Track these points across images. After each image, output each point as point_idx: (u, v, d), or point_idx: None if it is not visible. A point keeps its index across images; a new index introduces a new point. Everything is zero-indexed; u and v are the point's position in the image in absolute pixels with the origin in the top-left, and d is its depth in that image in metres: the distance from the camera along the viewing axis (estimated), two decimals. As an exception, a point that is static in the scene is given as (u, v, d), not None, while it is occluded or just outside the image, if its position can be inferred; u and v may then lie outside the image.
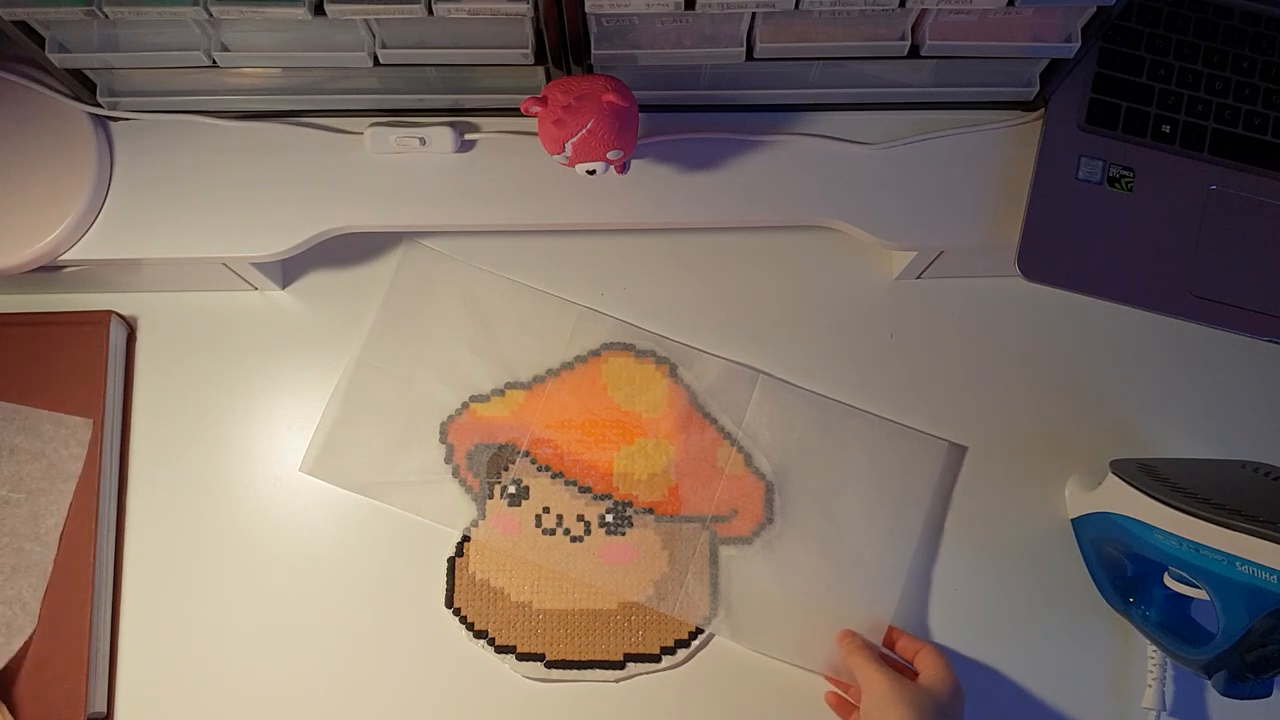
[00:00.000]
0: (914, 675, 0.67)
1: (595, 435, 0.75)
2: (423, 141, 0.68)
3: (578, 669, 0.72)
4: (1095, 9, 0.60)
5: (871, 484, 0.74)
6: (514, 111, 0.65)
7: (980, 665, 0.72)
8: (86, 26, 0.60)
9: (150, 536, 0.73)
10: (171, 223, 0.68)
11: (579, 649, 0.72)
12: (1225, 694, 0.61)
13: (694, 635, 0.72)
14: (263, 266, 0.73)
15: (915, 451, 0.75)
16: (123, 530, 0.73)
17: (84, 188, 0.67)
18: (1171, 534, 0.63)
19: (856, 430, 0.75)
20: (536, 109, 0.61)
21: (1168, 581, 0.68)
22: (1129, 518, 0.66)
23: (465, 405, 0.75)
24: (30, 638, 0.68)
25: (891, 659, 0.70)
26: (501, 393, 0.75)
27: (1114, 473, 0.69)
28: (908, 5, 0.58)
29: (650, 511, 0.74)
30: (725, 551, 0.73)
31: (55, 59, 0.62)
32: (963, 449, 0.75)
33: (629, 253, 0.78)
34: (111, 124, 0.69)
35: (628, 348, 0.76)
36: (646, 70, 0.65)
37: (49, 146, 0.68)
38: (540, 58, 0.62)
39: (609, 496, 0.74)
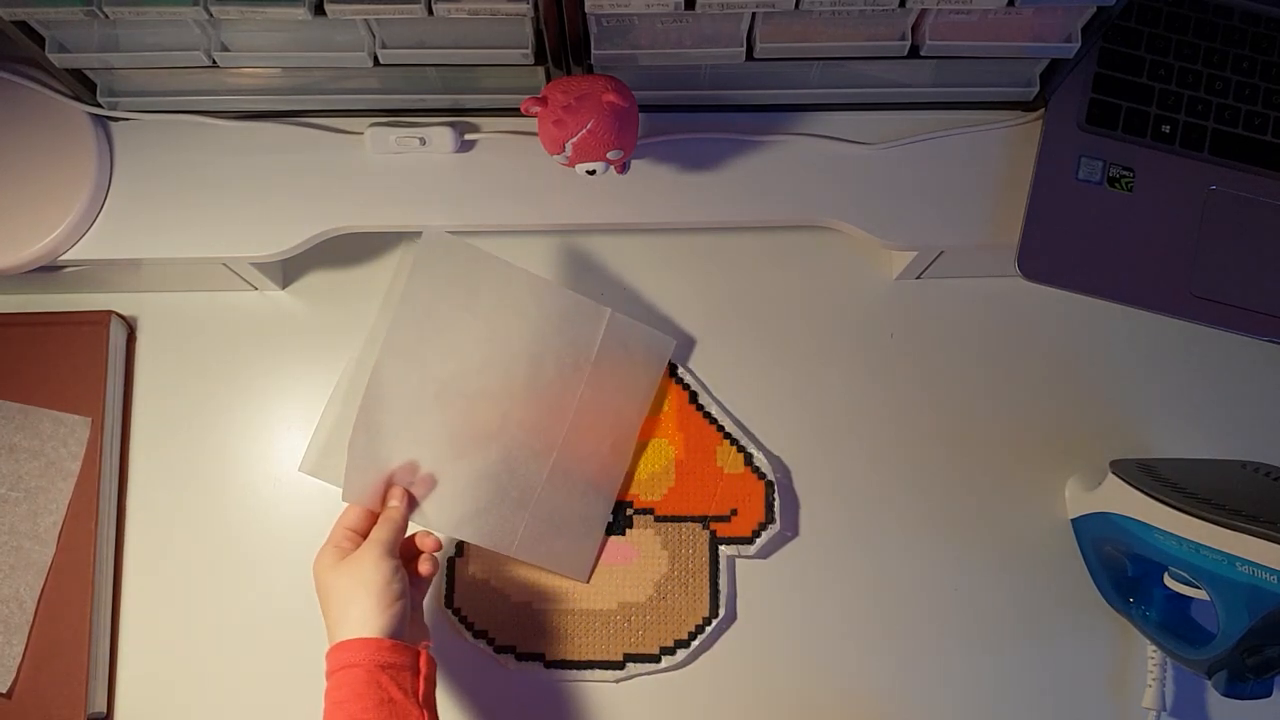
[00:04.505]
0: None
1: (595, 435, 0.75)
2: (423, 141, 0.68)
3: (578, 669, 0.72)
4: (1095, 9, 0.60)
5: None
6: (514, 111, 0.65)
7: (980, 665, 0.72)
8: (86, 26, 0.60)
9: (150, 536, 0.73)
10: (171, 223, 0.68)
11: (579, 649, 0.72)
12: (1225, 694, 0.61)
13: (694, 635, 0.72)
14: (263, 266, 0.73)
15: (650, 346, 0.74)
16: (123, 529, 0.73)
17: (84, 188, 0.67)
18: (1171, 534, 0.63)
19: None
20: (536, 109, 0.61)
21: (1168, 581, 0.68)
22: (1129, 518, 0.66)
23: (465, 405, 0.75)
24: (29, 639, 0.68)
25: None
26: (501, 393, 0.75)
27: (1114, 473, 0.69)
28: (908, 5, 0.58)
29: (650, 512, 0.74)
30: (725, 551, 0.73)
31: (55, 59, 0.62)
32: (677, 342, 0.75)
33: (629, 253, 0.78)
34: (111, 124, 0.69)
35: (628, 348, 0.76)
36: (646, 70, 0.65)
37: (49, 146, 0.68)
38: (540, 58, 0.62)
39: (609, 496, 0.74)
